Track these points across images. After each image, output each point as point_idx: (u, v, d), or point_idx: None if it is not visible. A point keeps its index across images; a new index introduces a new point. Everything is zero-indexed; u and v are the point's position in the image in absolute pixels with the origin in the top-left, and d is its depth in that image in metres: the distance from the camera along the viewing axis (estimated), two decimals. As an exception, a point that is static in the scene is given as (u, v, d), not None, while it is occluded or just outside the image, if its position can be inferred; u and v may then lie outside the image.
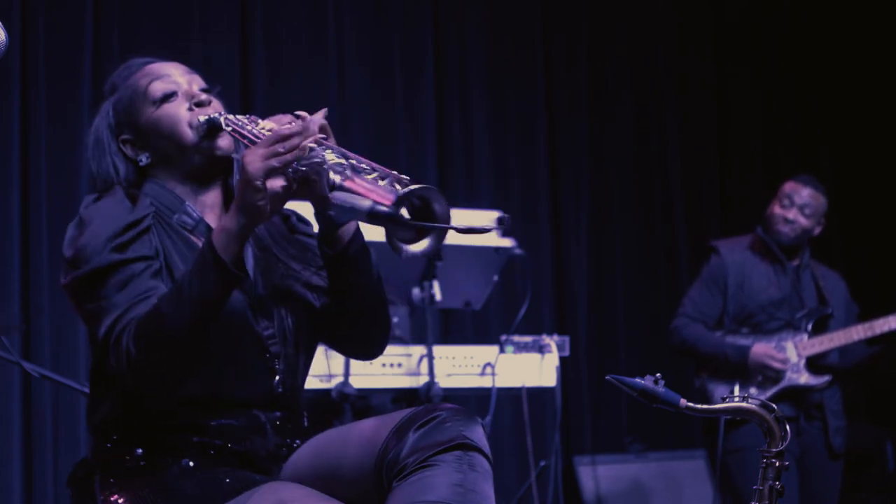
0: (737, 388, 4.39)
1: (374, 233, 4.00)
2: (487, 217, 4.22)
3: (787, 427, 2.07)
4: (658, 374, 2.05)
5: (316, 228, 2.16)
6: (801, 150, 6.92)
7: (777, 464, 2.07)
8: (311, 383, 2.33)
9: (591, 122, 6.49)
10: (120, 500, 2.04)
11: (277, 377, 2.14)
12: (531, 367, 4.17)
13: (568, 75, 6.47)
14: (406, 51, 6.02)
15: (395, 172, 1.92)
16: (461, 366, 4.05)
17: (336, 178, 1.92)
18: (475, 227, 1.88)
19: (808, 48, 7.03)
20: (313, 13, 5.82)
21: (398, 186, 1.88)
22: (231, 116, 2.13)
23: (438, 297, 3.99)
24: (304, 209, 2.18)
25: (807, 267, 4.67)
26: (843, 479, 4.68)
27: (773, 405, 2.08)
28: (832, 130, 7.04)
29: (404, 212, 1.86)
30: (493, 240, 4.17)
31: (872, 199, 6.80)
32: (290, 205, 2.11)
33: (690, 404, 2.05)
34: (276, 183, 1.95)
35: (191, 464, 2.05)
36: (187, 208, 2.16)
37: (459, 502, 1.89)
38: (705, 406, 2.08)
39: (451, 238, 4.15)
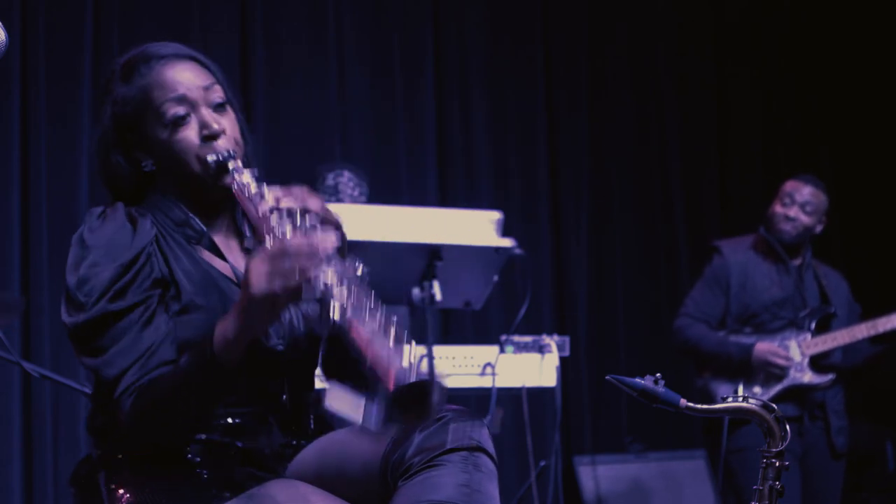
0: (741, 388, 4.40)
1: (373, 234, 4.00)
2: (487, 217, 4.21)
3: (787, 427, 2.07)
4: (658, 374, 2.05)
5: None
6: (801, 150, 6.92)
7: (777, 464, 2.07)
8: (312, 383, 2.32)
9: (591, 122, 6.49)
10: (126, 497, 2.04)
11: (286, 388, 2.14)
12: (531, 367, 4.17)
13: (568, 75, 6.47)
14: (406, 51, 6.02)
15: (395, 323, 1.88)
16: (461, 366, 4.05)
17: (337, 315, 1.88)
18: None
19: (808, 48, 7.03)
20: (313, 13, 5.82)
21: (396, 344, 1.84)
22: (237, 174, 2.08)
23: (438, 297, 3.98)
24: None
25: (809, 266, 4.67)
26: (845, 478, 4.68)
27: (774, 405, 2.08)
28: (832, 130, 7.04)
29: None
30: (493, 240, 4.16)
31: (872, 199, 6.80)
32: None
33: (690, 404, 2.05)
34: (278, 304, 1.93)
35: (196, 460, 2.05)
36: (191, 221, 2.15)
37: (465, 502, 1.90)
38: (705, 406, 2.08)
39: (452, 238, 4.16)
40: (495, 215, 4.20)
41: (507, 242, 4.17)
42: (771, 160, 6.81)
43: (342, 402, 1.82)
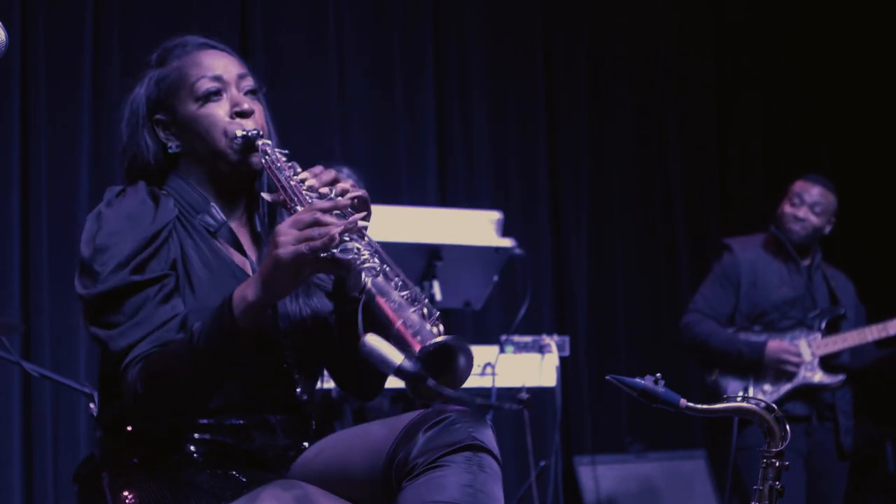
0: (751, 388, 4.40)
1: (373, 234, 4.00)
2: (487, 217, 4.22)
3: (788, 427, 2.07)
4: (658, 374, 2.05)
5: None
6: (801, 150, 6.92)
7: (777, 464, 2.07)
8: (312, 383, 2.31)
9: (591, 122, 6.48)
10: (130, 496, 2.04)
11: (298, 388, 2.14)
12: (531, 367, 4.17)
13: (568, 75, 6.47)
14: (406, 51, 6.02)
15: (422, 296, 1.92)
16: (461, 366, 4.03)
17: (368, 281, 1.90)
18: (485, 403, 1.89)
19: (808, 48, 7.03)
20: (313, 13, 5.82)
21: (424, 313, 1.89)
22: (269, 148, 2.10)
23: (438, 297, 3.99)
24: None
25: (818, 267, 4.67)
26: (847, 479, 4.67)
27: (774, 405, 2.08)
28: (832, 130, 7.04)
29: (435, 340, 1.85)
30: (493, 240, 4.17)
31: (873, 200, 6.80)
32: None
33: (690, 404, 2.05)
34: (305, 268, 1.93)
35: (200, 460, 2.05)
36: (212, 210, 2.15)
37: (469, 503, 1.90)
38: (705, 406, 2.08)
39: (452, 238, 4.16)
40: (495, 215, 4.21)
41: (507, 242, 4.17)
42: (771, 160, 6.81)
43: (379, 342, 1.84)
